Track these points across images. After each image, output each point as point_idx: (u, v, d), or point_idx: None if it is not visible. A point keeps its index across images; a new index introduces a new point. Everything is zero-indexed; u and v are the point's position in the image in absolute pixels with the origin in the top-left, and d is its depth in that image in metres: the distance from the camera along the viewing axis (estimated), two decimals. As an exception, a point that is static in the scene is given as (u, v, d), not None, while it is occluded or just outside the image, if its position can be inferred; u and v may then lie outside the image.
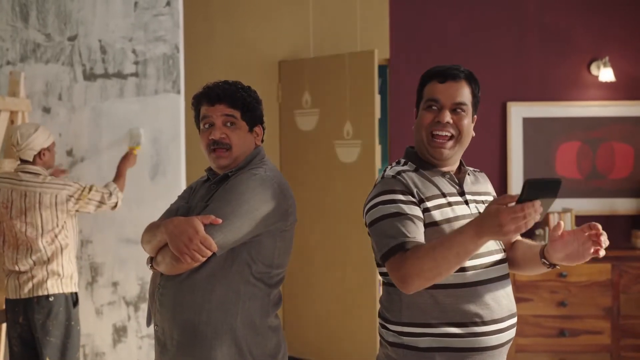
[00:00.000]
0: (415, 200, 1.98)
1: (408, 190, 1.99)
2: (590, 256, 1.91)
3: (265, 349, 2.17)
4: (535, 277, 4.63)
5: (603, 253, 1.90)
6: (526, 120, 5.12)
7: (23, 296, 3.54)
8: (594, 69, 5.11)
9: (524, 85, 5.15)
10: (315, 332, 5.19)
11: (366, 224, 2.03)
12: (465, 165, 2.16)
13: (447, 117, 2.03)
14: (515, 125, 5.12)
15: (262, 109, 2.33)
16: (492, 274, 2.01)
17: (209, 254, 2.05)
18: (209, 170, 2.32)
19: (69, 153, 4.11)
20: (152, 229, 2.18)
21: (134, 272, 4.12)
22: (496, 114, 5.13)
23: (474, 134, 2.12)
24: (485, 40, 5.14)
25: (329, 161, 5.03)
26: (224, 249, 2.09)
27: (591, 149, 5.14)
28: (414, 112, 2.15)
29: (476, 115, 2.13)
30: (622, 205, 5.12)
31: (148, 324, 2.29)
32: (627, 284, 4.72)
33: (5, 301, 3.66)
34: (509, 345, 2.04)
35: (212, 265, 2.10)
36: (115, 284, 4.13)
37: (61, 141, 4.09)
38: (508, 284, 2.06)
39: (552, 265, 2.01)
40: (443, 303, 1.95)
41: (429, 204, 1.99)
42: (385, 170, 2.12)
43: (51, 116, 4.12)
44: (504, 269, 2.07)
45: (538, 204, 1.71)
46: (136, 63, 4.13)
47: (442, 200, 2.02)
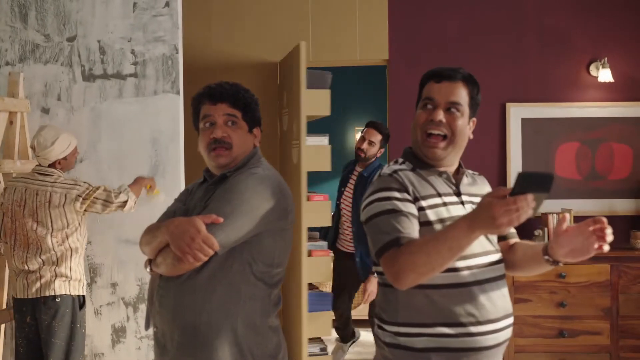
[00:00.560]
0: (410, 198, 1.99)
1: (404, 188, 2.00)
2: (595, 252, 1.87)
3: (266, 349, 2.17)
4: (534, 278, 4.62)
5: (607, 248, 1.86)
6: (525, 121, 5.12)
7: (30, 296, 3.57)
8: (593, 70, 5.11)
9: (523, 86, 5.15)
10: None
11: (362, 221, 2.04)
12: (464, 168, 2.17)
13: (440, 116, 2.04)
14: (514, 126, 5.12)
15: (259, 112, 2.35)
16: (488, 275, 2.01)
17: (211, 253, 2.05)
18: (206, 171, 2.32)
19: (68, 153, 4.11)
20: (152, 230, 2.17)
21: (133, 273, 4.12)
22: (495, 115, 5.13)
23: (472, 137, 2.12)
24: (484, 41, 5.14)
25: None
26: (226, 248, 2.09)
27: (590, 150, 5.14)
28: (413, 114, 2.15)
29: (475, 118, 2.13)
30: (621, 206, 5.12)
31: (146, 327, 2.28)
32: (626, 284, 4.72)
33: (14, 301, 3.68)
34: (505, 345, 2.04)
35: (213, 265, 2.10)
36: (114, 285, 4.13)
37: (60, 142, 4.09)
38: (504, 285, 2.06)
39: (555, 262, 1.96)
40: (438, 303, 1.95)
41: (424, 203, 2.00)
42: (382, 168, 2.14)
43: (50, 117, 4.12)
44: (500, 270, 2.07)
45: (531, 197, 1.70)
46: (135, 64, 4.13)
47: (437, 200, 2.02)
